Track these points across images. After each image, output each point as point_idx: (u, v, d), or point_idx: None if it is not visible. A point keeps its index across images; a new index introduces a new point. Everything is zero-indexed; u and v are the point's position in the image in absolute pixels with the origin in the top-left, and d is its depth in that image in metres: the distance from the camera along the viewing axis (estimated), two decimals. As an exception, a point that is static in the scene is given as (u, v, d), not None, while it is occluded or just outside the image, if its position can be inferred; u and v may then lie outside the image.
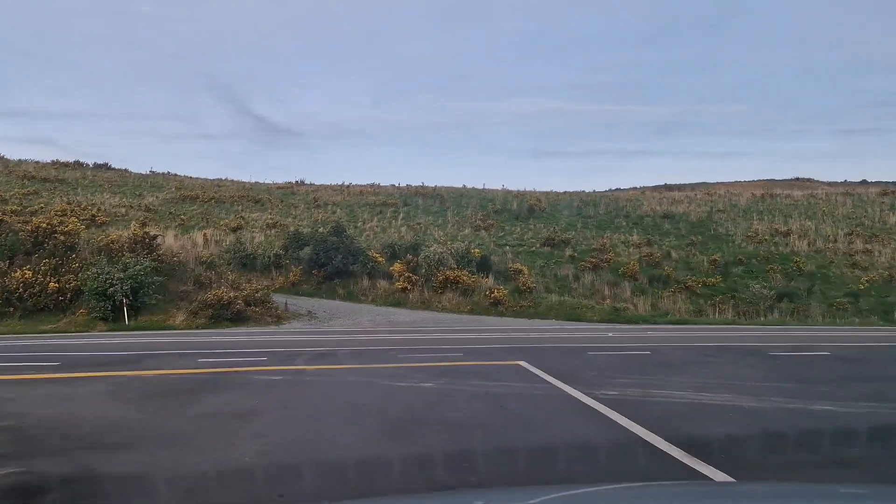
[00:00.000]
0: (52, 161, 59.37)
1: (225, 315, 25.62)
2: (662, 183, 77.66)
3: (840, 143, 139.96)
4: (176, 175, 60.31)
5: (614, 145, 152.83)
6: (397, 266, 34.55)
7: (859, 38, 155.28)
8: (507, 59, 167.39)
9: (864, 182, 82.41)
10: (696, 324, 29.09)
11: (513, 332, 22.55)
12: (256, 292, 27.63)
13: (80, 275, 25.72)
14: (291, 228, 39.60)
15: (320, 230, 36.33)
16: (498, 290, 32.43)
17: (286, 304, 29.02)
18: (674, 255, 42.65)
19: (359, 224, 46.74)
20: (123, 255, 26.57)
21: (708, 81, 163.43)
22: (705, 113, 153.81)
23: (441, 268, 33.60)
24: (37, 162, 59.00)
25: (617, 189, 56.87)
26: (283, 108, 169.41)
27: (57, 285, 25.39)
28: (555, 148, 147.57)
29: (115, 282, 24.50)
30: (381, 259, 35.76)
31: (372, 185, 58.28)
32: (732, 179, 73.59)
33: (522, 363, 13.55)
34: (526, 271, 36.95)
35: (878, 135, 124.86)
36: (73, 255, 27.25)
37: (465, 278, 33.25)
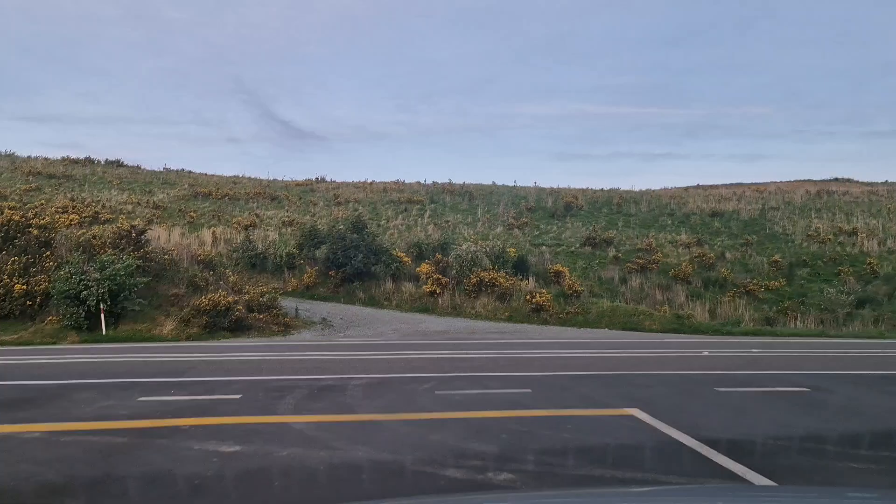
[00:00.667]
0: (62, 158, 55.21)
1: (222, 323, 20.97)
2: (694, 184, 72.35)
3: (869, 145, 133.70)
4: (190, 172, 55.95)
5: (639, 148, 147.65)
6: (425, 267, 29.82)
7: (889, 38, 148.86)
8: (532, 63, 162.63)
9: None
10: (780, 335, 24.11)
11: (572, 349, 17.69)
12: (261, 296, 22.96)
13: (52, 275, 21.15)
14: (307, 225, 34.96)
15: (339, 227, 31.66)
16: (540, 294, 27.56)
17: (297, 310, 24.36)
18: (728, 255, 37.56)
19: (382, 222, 42.04)
20: (106, 251, 22.00)
21: (735, 83, 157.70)
22: (732, 115, 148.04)
23: (475, 268, 28.81)
24: (46, 158, 54.86)
25: (647, 189, 51.75)
26: (308, 113, 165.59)
27: (24, 287, 20.86)
28: (579, 150, 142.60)
29: (90, 283, 19.94)
30: (406, 259, 31.03)
31: (396, 182, 53.52)
32: (764, 180, 68.16)
33: (635, 412, 8.73)
34: (567, 273, 32.11)
35: None
36: (48, 253, 22.67)
37: (501, 280, 28.43)
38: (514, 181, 53.40)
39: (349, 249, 29.30)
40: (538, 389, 10.63)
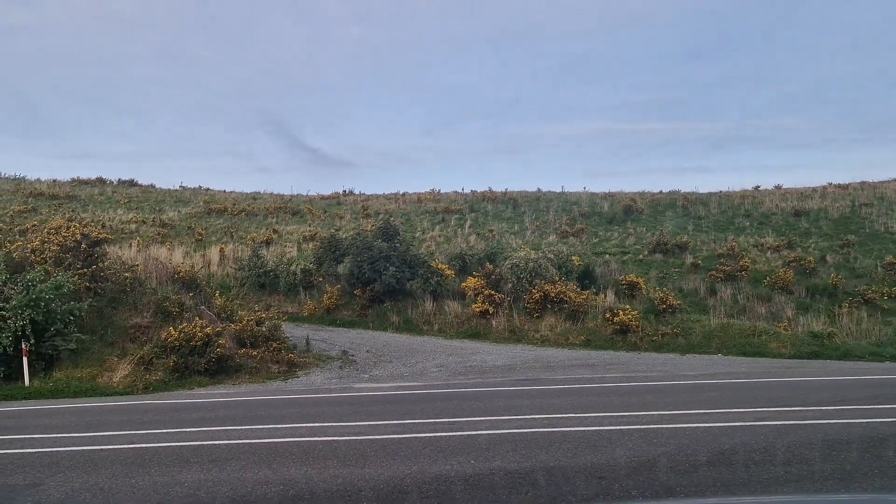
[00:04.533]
0: (72, 179, 49.40)
1: (197, 365, 14.20)
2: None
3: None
4: (208, 189, 49.69)
5: (668, 163, 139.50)
6: (472, 281, 22.90)
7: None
8: (556, 83, 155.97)
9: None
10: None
11: (728, 400, 10.66)
12: (258, 324, 16.19)
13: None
14: (325, 234, 28.30)
15: (364, 235, 24.93)
16: (623, 311, 20.51)
17: (307, 340, 17.61)
18: (829, 259, 30.24)
19: (417, 234, 35.31)
20: (48, 267, 15.45)
21: (761, 94, 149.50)
22: (760, 126, 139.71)
23: (536, 281, 21.88)
24: (54, 180, 49.07)
25: (717, 190, 44.23)
26: (334, 141, 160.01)
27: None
28: (607, 168, 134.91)
29: (5, 312, 13.40)
30: (449, 272, 24.16)
31: (431, 192, 46.65)
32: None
33: None
34: (643, 284, 25.07)
35: None
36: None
37: (572, 295, 21.44)
38: (562, 186, 46.36)
39: (378, 261, 22.53)
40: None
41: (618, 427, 8.31)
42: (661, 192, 44.37)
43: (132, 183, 49.29)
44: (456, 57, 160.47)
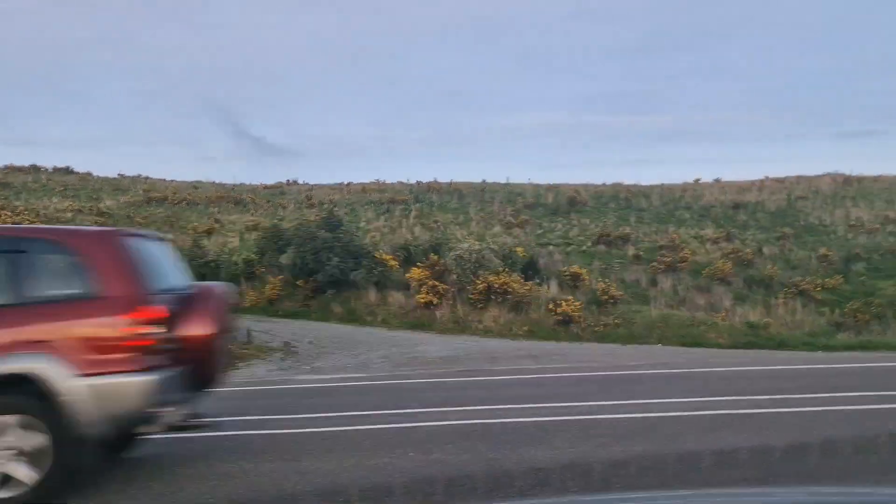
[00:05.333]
0: (5, 166, 47.62)
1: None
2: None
3: (840, 145, 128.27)
4: (147, 178, 48.47)
5: (612, 155, 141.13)
6: (416, 272, 22.81)
7: (855, 41, 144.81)
8: (508, 74, 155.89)
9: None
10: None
11: (669, 390, 10.82)
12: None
13: None
14: (268, 225, 27.88)
15: (308, 224, 24.61)
16: (566, 302, 20.70)
17: (249, 332, 17.30)
18: (766, 251, 31.01)
19: (362, 224, 35.01)
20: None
21: (704, 89, 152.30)
22: (702, 120, 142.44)
23: (480, 272, 21.91)
24: (-16, 167, 47.27)
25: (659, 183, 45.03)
26: (280, 130, 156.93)
27: None
28: (553, 160, 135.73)
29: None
30: (393, 263, 24.02)
31: (376, 182, 46.33)
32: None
33: None
34: (586, 275, 25.33)
35: (875, 136, 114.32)
36: None
37: (515, 286, 21.55)
38: (507, 178, 46.50)
39: (321, 252, 22.28)
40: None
41: (558, 418, 8.33)
42: (604, 184, 44.89)
43: (68, 170, 47.80)
44: (405, 47, 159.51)
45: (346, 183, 47.13)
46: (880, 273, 28.21)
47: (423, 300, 21.65)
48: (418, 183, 45.79)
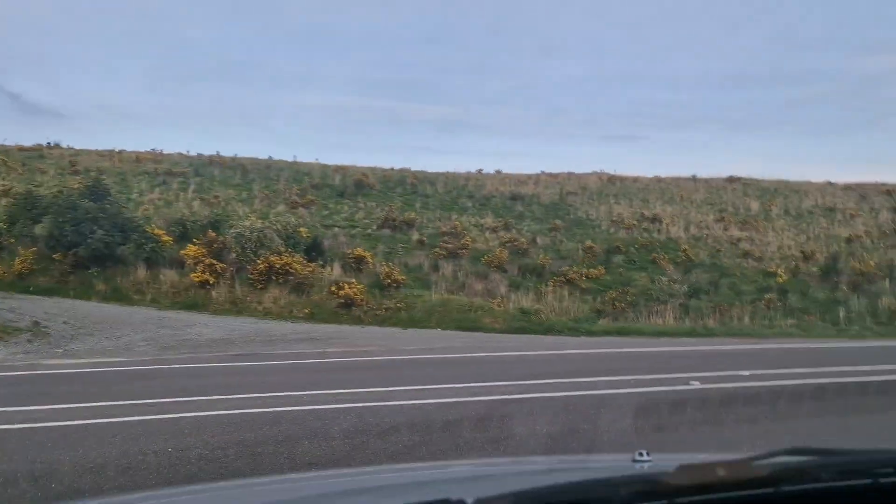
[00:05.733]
0: None
1: None
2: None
3: (605, 148, 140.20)
4: None
5: (399, 141, 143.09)
6: (192, 249, 21.44)
7: (618, 52, 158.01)
8: (292, 52, 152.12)
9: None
10: (645, 333, 19.00)
11: (444, 376, 10.88)
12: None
13: None
14: (22, 190, 24.94)
15: (70, 192, 22.31)
16: (348, 285, 20.44)
17: (-10, 310, 15.33)
18: (539, 241, 32.74)
19: (134, 196, 32.52)
20: None
21: (487, 84, 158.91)
22: (485, 114, 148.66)
23: (262, 252, 21.05)
24: None
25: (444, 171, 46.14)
26: (44, 87, 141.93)
27: None
28: (341, 142, 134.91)
29: None
30: (167, 238, 22.43)
31: (152, 152, 43.19)
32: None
33: None
34: (371, 259, 25.30)
35: (635, 141, 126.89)
36: None
37: (298, 267, 20.95)
38: (294, 156, 45.37)
39: (83, 223, 20.27)
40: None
41: (333, 406, 8.03)
42: (392, 168, 45.21)
43: None
44: (189, 10, 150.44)
45: (117, 150, 43.53)
46: (635, 265, 30.70)
47: (198, 279, 20.42)
48: (199, 155, 43.43)
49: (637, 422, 7.31)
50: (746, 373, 10.99)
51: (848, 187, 46.79)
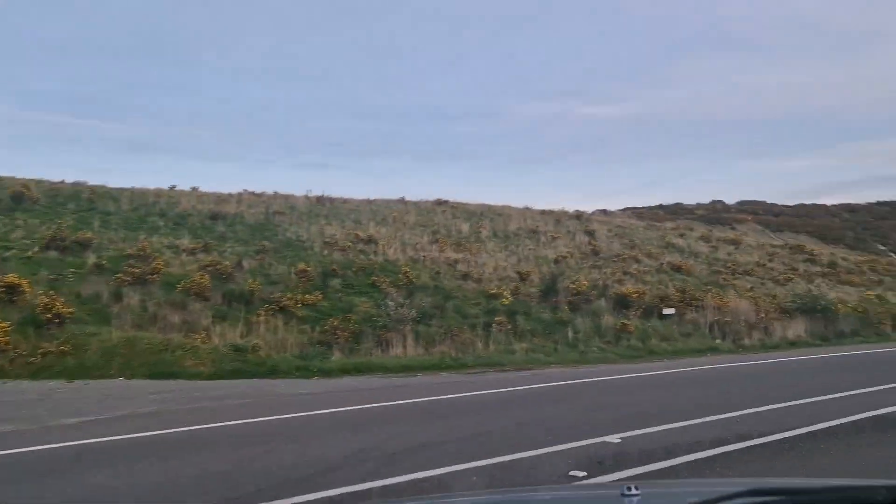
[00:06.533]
0: None
1: None
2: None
3: (301, 174, 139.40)
4: None
5: (82, 160, 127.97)
6: None
7: (323, 79, 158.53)
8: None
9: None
10: (388, 370, 16.02)
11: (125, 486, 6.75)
12: None
13: None
14: None
15: None
16: (-12, 322, 14.86)
17: None
18: (246, 264, 28.64)
19: None
20: None
21: (177, 104, 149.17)
22: (176, 135, 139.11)
23: None
24: None
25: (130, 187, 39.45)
26: None
27: None
28: (8, 159, 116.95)
29: None
30: None
31: None
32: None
33: None
34: (27, 288, 19.50)
35: (328, 168, 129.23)
36: None
37: None
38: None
39: None
40: None
41: None
42: (63, 181, 37.86)
43: None
44: None
45: None
46: (354, 290, 27.98)
47: None
48: None
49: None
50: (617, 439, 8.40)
51: (544, 212, 48.81)
